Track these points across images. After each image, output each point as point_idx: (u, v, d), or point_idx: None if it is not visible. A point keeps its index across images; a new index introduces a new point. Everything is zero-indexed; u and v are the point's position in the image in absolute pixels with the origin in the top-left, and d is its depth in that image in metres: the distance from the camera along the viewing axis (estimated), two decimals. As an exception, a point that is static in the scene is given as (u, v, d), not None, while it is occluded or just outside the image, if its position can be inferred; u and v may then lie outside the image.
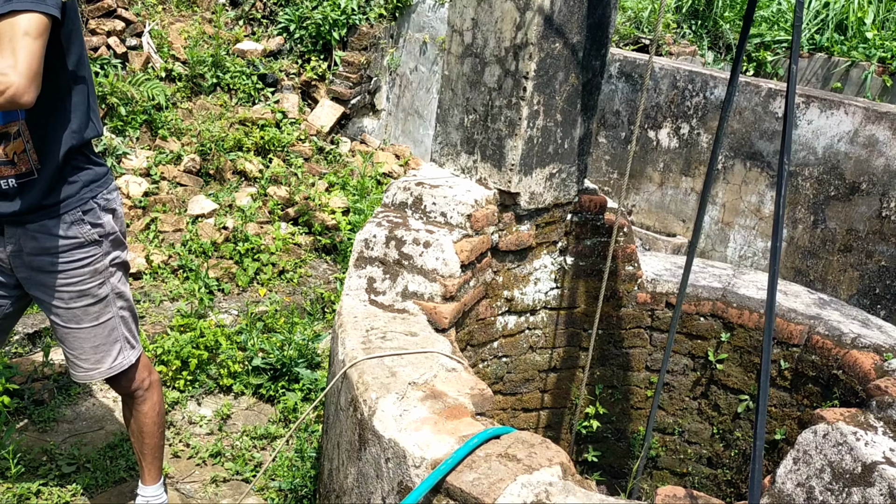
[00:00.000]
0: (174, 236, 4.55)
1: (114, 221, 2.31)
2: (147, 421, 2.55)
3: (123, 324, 2.41)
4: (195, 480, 3.07)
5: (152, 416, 2.55)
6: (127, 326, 2.43)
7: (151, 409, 2.55)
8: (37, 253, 2.21)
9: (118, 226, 2.34)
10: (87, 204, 2.22)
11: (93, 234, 2.25)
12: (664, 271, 3.25)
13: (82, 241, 2.23)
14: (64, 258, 2.22)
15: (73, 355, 2.38)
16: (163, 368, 3.55)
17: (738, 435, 3.14)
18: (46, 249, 2.20)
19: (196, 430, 3.37)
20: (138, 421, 2.55)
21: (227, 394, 3.64)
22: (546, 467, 1.76)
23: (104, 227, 2.28)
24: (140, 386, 2.51)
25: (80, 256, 2.24)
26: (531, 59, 2.61)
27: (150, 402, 2.54)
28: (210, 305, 4.08)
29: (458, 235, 2.61)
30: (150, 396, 2.54)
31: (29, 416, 3.24)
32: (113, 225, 2.31)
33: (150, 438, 2.58)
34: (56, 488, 2.88)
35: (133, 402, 2.53)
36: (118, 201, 2.35)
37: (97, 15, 5.17)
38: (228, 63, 5.70)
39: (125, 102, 4.97)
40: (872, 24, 6.76)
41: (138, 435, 2.58)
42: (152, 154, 5.01)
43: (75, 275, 2.25)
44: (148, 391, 2.53)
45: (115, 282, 2.35)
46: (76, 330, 2.33)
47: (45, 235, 2.19)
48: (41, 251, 2.21)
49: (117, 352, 2.40)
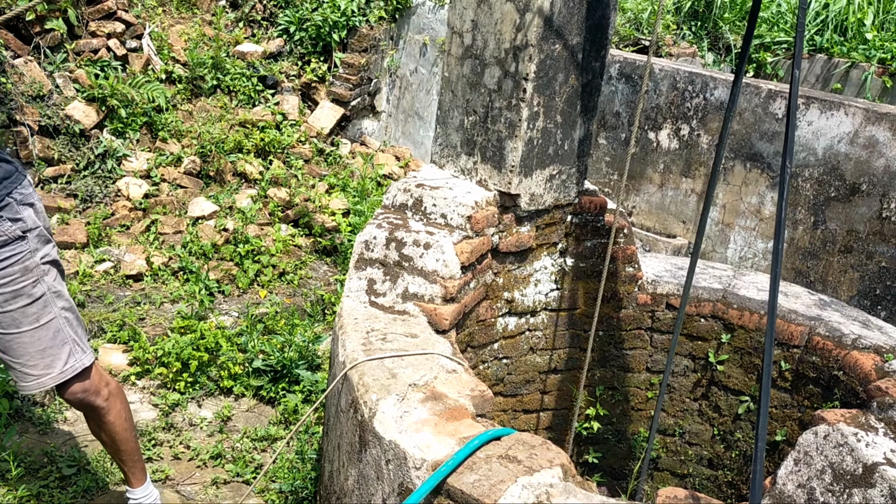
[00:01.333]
0: (174, 238, 4.55)
1: (35, 216, 2.23)
2: (118, 429, 2.47)
3: (68, 325, 2.31)
4: (196, 482, 3.07)
5: (121, 423, 2.48)
6: (73, 329, 2.33)
7: (118, 416, 2.47)
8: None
9: (41, 221, 2.26)
10: (2, 201, 2.15)
11: (14, 229, 2.17)
12: (664, 272, 3.25)
13: (6, 238, 2.16)
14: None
15: (19, 364, 2.26)
16: (163, 370, 3.55)
17: (739, 436, 3.14)
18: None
19: (196, 432, 3.37)
20: (109, 432, 2.48)
21: (227, 396, 3.64)
22: (547, 469, 1.76)
23: (25, 221, 2.20)
24: (98, 394, 2.40)
25: (6, 255, 2.17)
26: (531, 61, 2.61)
27: (115, 410, 2.46)
28: (210, 307, 4.08)
29: (459, 237, 2.61)
30: (113, 405, 2.45)
31: (29, 418, 3.24)
32: (35, 219, 2.23)
33: (126, 444, 2.51)
34: (56, 490, 2.88)
35: (97, 415, 2.44)
36: (35, 196, 2.27)
37: (97, 17, 5.17)
38: (228, 65, 5.70)
39: (125, 104, 4.97)
40: (872, 25, 6.77)
41: (113, 445, 2.51)
42: (152, 156, 5.01)
43: (5, 275, 2.17)
44: (110, 400, 2.43)
45: (50, 280, 2.26)
46: (17, 335, 2.22)
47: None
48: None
49: (67, 354, 2.30)
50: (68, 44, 4.95)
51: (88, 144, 4.80)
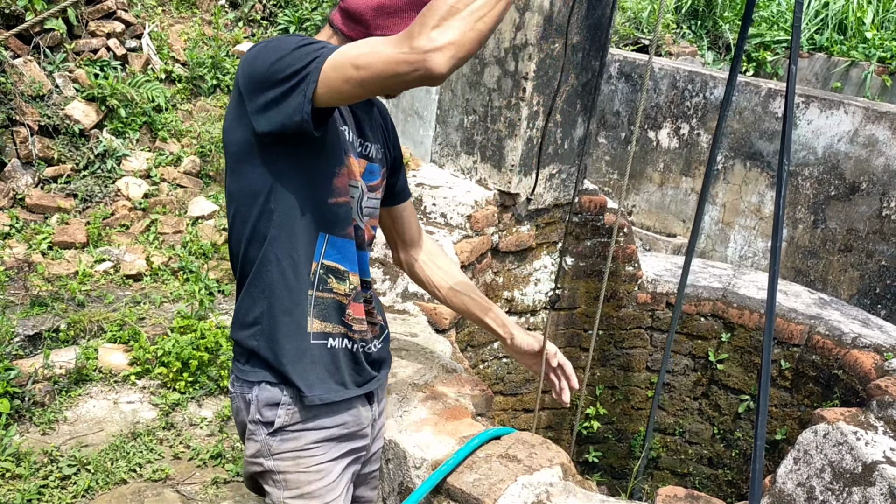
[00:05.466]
0: (174, 238, 4.55)
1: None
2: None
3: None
4: (196, 482, 3.07)
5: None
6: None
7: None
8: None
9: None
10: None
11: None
12: (664, 272, 3.25)
13: None
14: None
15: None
16: (163, 370, 3.55)
17: (739, 435, 3.14)
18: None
19: (197, 431, 3.37)
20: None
21: (227, 395, 3.64)
22: (547, 468, 1.76)
23: None
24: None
25: None
26: (530, 60, 2.61)
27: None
28: (210, 307, 4.08)
29: (459, 236, 2.61)
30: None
31: (30, 418, 3.24)
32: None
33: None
34: (57, 490, 2.88)
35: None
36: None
37: (97, 17, 5.17)
38: (228, 64, 5.70)
39: (125, 104, 4.97)
40: (872, 23, 6.77)
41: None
42: (152, 156, 5.01)
43: None
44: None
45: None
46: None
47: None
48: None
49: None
50: (68, 43, 4.96)
51: (88, 144, 4.80)
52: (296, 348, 1.50)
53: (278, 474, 1.56)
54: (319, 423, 1.55)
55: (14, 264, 3.92)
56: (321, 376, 1.53)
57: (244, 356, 1.55)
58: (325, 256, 1.49)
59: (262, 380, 1.52)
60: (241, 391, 1.56)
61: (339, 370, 1.56)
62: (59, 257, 4.14)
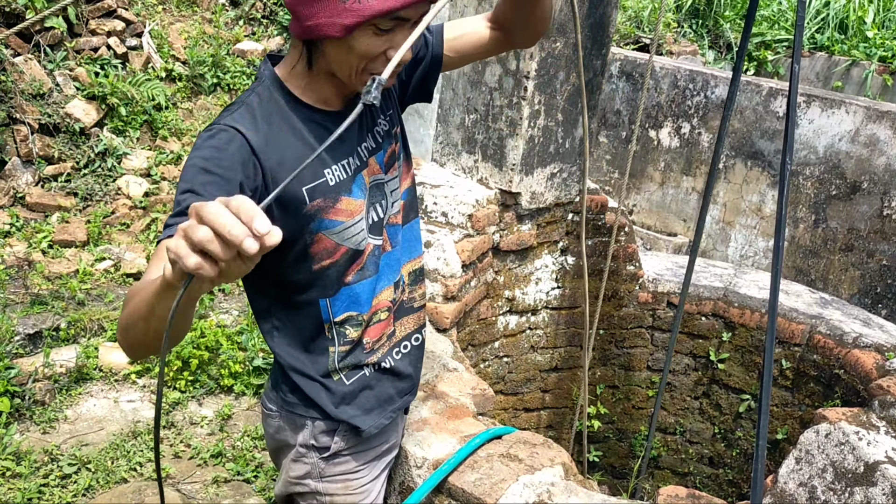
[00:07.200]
0: (175, 237, 4.55)
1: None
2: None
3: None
4: (196, 481, 3.07)
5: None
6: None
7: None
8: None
9: None
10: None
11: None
12: (665, 271, 3.25)
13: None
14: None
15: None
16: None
17: (740, 435, 3.14)
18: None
19: (197, 430, 3.37)
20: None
21: (228, 394, 3.64)
22: (548, 467, 1.76)
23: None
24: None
25: None
26: (532, 59, 2.61)
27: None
28: (210, 306, 4.08)
29: (460, 235, 2.61)
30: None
31: (30, 416, 3.24)
32: None
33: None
34: (57, 489, 2.88)
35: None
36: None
37: (97, 15, 5.16)
38: (229, 63, 5.69)
39: (125, 103, 4.96)
40: (873, 23, 6.76)
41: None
42: (153, 154, 5.01)
43: None
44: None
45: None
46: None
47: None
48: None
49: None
50: (68, 42, 4.95)
51: (88, 143, 4.79)
52: (338, 399, 1.51)
53: (325, 496, 1.57)
54: (370, 444, 1.59)
55: (14, 263, 3.91)
56: (369, 405, 1.54)
57: (290, 387, 1.52)
58: (333, 315, 1.45)
59: (314, 417, 1.51)
60: (287, 412, 1.53)
61: (384, 388, 1.57)
62: (59, 256, 4.14)
